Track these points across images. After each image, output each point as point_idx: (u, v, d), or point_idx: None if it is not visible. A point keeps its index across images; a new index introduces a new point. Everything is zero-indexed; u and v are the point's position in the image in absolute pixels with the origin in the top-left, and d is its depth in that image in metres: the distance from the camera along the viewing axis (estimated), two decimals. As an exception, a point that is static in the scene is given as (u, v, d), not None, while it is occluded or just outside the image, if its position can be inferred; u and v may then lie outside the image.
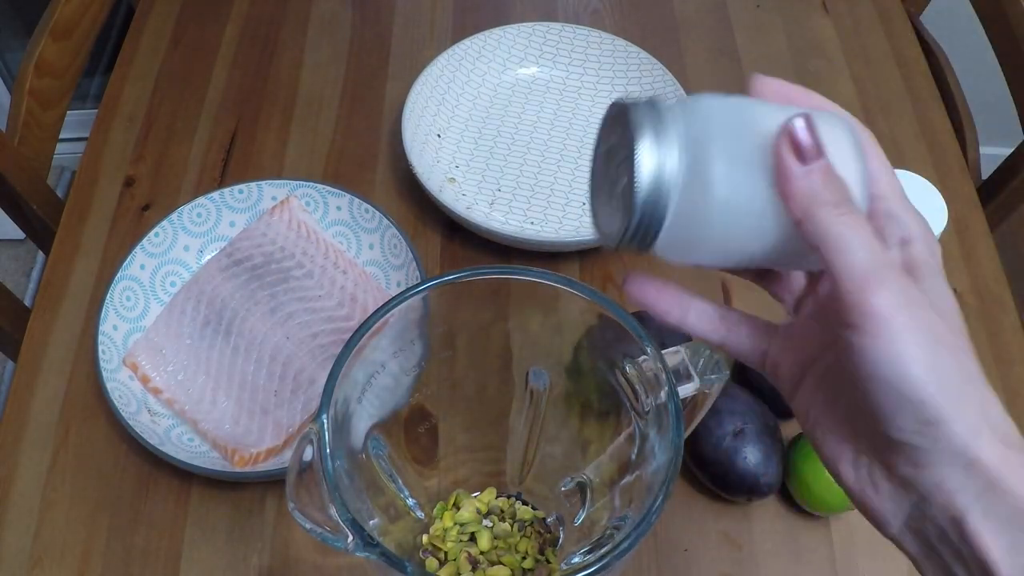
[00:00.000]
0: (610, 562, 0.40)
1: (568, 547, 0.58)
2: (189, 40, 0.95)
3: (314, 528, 0.41)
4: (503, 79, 0.89)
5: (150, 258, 0.72)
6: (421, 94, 0.83)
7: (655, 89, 0.85)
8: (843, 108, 0.35)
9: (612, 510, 0.52)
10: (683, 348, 0.47)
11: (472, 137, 0.85)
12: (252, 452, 0.65)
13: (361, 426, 0.50)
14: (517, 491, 0.61)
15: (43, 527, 0.64)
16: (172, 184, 0.83)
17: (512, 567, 0.57)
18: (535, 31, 0.89)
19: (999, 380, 0.71)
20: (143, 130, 0.87)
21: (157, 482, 0.66)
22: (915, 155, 0.86)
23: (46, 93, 0.88)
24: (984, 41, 0.95)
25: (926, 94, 0.91)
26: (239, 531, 0.64)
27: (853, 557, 0.63)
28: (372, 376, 0.49)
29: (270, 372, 0.69)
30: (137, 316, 0.71)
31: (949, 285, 0.33)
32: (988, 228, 0.81)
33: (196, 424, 0.67)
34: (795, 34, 0.96)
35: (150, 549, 0.63)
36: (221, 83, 0.91)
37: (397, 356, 0.51)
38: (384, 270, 0.75)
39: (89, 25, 0.93)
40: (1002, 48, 0.93)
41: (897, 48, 0.95)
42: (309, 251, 0.75)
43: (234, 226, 0.76)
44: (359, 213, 0.75)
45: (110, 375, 0.66)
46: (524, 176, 0.82)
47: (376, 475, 0.53)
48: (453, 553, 0.58)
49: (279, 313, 0.72)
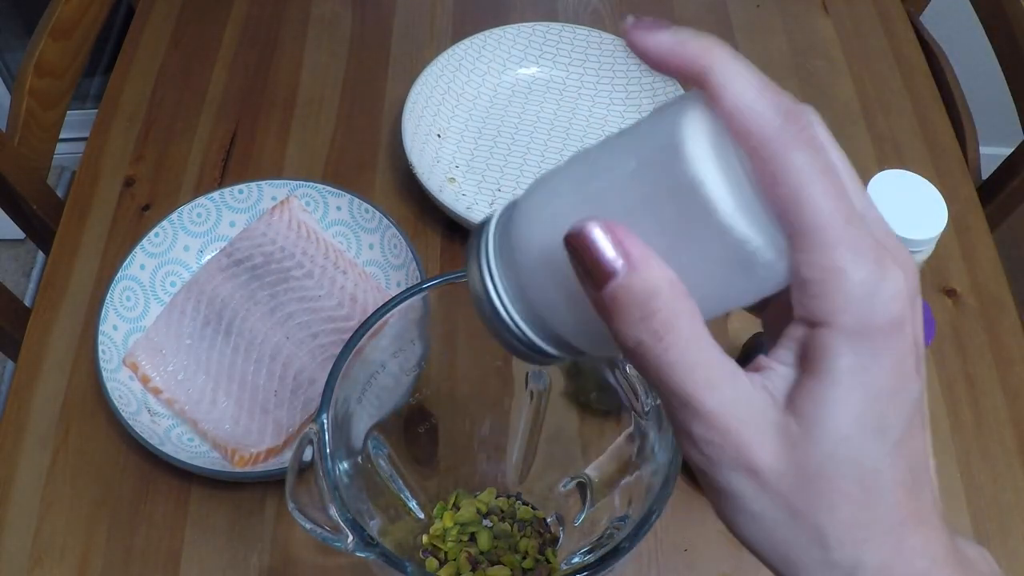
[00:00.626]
0: (610, 562, 0.40)
1: (568, 547, 0.58)
2: (189, 40, 0.95)
3: (314, 528, 0.41)
4: (503, 79, 0.89)
5: (150, 258, 0.72)
6: (421, 94, 0.83)
7: (655, 89, 0.85)
8: (842, 108, 0.33)
9: (612, 510, 0.52)
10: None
11: (472, 137, 0.85)
12: (252, 452, 0.65)
13: (361, 426, 0.50)
14: (517, 491, 0.61)
15: (43, 527, 0.64)
16: (172, 184, 0.83)
17: (512, 567, 0.57)
18: (535, 31, 0.89)
19: (999, 380, 0.71)
20: (143, 130, 0.87)
21: (157, 482, 0.66)
22: (915, 155, 0.86)
23: (46, 93, 0.88)
24: (984, 41, 0.95)
25: (926, 94, 0.91)
26: (239, 531, 0.64)
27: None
28: (372, 376, 0.49)
29: (270, 372, 0.69)
30: (137, 316, 0.71)
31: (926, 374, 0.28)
32: (988, 228, 0.81)
33: (196, 424, 0.67)
34: (795, 34, 0.96)
35: (150, 549, 0.63)
36: (221, 83, 0.91)
37: (397, 356, 0.51)
38: (384, 270, 0.75)
39: (89, 25, 0.93)
40: (1002, 48, 0.93)
41: (897, 48, 0.95)
42: (309, 251, 0.75)
43: (234, 226, 0.76)
44: (359, 213, 0.75)
45: (110, 375, 0.66)
46: (524, 176, 0.82)
47: (376, 475, 0.53)
48: (453, 553, 0.58)
49: (279, 313, 0.72)
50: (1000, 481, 0.67)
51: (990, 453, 0.68)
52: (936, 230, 0.64)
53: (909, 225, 0.64)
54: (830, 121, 0.26)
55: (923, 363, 0.26)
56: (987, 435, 0.69)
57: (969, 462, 0.68)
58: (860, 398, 0.25)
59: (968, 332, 0.74)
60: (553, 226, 0.27)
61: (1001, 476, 0.67)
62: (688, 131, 0.25)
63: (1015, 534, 0.65)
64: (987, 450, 0.68)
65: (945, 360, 0.73)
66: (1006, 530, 0.65)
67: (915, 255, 0.65)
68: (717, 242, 0.24)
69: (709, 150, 0.25)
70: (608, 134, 0.34)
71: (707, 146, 0.25)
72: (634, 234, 0.25)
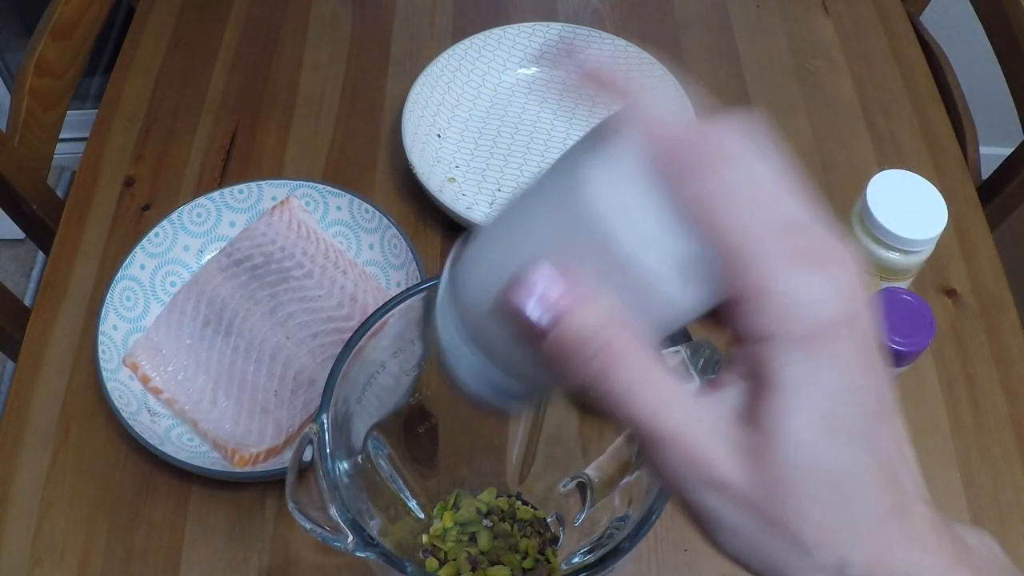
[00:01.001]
0: (610, 562, 0.40)
1: (568, 547, 0.58)
2: (189, 40, 0.95)
3: (314, 528, 0.41)
4: (503, 79, 0.89)
5: (150, 258, 0.72)
6: (421, 94, 0.83)
7: (655, 89, 0.85)
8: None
9: (612, 510, 0.52)
10: (683, 348, 0.47)
11: (472, 137, 0.85)
12: (252, 452, 0.65)
13: (361, 426, 0.50)
14: (517, 491, 0.61)
15: (43, 527, 0.64)
16: (172, 184, 0.83)
17: (512, 567, 0.57)
18: (535, 31, 0.89)
19: (999, 380, 0.71)
20: (143, 130, 0.87)
21: (157, 482, 0.66)
22: (915, 155, 0.86)
23: (46, 93, 0.88)
24: (984, 41, 0.95)
25: (926, 94, 0.91)
26: (239, 531, 0.64)
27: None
28: (372, 376, 0.49)
29: (270, 372, 0.69)
30: (137, 316, 0.71)
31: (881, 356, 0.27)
32: (988, 228, 0.81)
33: (196, 424, 0.67)
34: (795, 34, 0.96)
35: (150, 549, 0.63)
36: (221, 83, 0.91)
37: (397, 356, 0.51)
38: (384, 270, 0.75)
39: (89, 25, 0.93)
40: (1002, 48, 0.93)
41: (897, 48, 0.95)
42: (309, 251, 0.75)
43: (234, 226, 0.76)
44: (359, 213, 0.75)
45: (110, 375, 0.66)
46: (524, 176, 0.82)
47: (376, 475, 0.53)
48: (453, 553, 0.58)
49: (279, 313, 0.72)
50: (1000, 481, 0.67)
51: (990, 453, 0.68)
52: (936, 230, 0.64)
53: (909, 225, 0.64)
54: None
55: (878, 354, 0.26)
56: (987, 435, 0.69)
57: (969, 462, 0.68)
58: (812, 403, 0.25)
59: (968, 332, 0.74)
60: (488, 283, 0.28)
61: (1001, 476, 0.67)
62: (592, 170, 0.26)
63: (1015, 534, 0.65)
64: (987, 450, 0.68)
65: (945, 360, 0.73)
66: (1006, 530, 0.65)
67: (915, 255, 0.65)
68: (631, 273, 0.25)
69: (613, 186, 0.25)
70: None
71: (611, 182, 0.25)
72: (563, 276, 0.26)
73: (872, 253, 0.65)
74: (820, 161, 0.84)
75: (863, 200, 0.65)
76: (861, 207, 0.66)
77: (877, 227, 0.64)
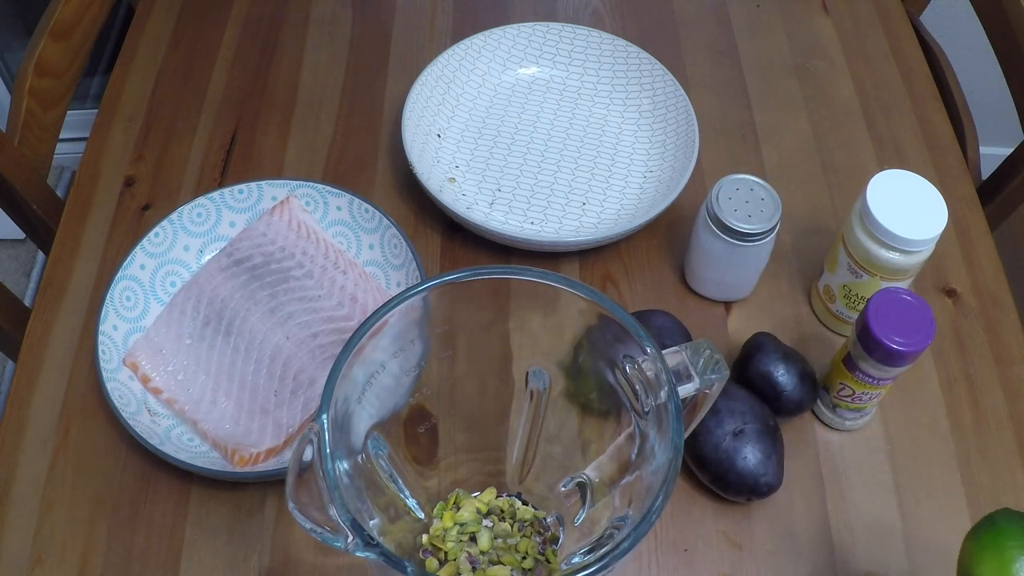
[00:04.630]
0: (610, 562, 0.40)
1: (568, 547, 0.58)
2: (189, 40, 0.95)
3: (314, 528, 0.41)
4: (503, 79, 0.89)
5: (150, 258, 0.72)
6: (421, 94, 0.83)
7: (655, 89, 0.85)
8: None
9: (612, 510, 0.52)
10: (683, 348, 0.47)
11: (472, 137, 0.85)
12: (252, 452, 0.65)
13: (361, 426, 0.50)
14: (517, 491, 0.61)
15: (43, 527, 0.64)
16: (172, 184, 0.83)
17: (512, 567, 0.57)
18: (535, 31, 0.89)
19: (999, 380, 0.71)
20: (143, 130, 0.87)
21: (157, 482, 0.66)
22: (915, 155, 0.86)
23: (46, 93, 0.88)
24: (984, 41, 0.95)
25: (926, 94, 0.91)
26: (239, 531, 0.64)
27: (853, 557, 0.63)
28: (372, 376, 0.49)
29: (270, 372, 0.69)
30: (137, 316, 0.71)
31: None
32: (988, 228, 0.81)
33: (196, 424, 0.67)
34: (795, 34, 0.96)
35: (150, 549, 0.63)
36: (221, 83, 0.91)
37: (397, 356, 0.51)
38: (384, 270, 0.75)
39: (89, 25, 0.93)
40: (1002, 48, 0.93)
41: (897, 48, 0.95)
42: (309, 251, 0.75)
43: (234, 226, 0.76)
44: (359, 213, 0.75)
45: (110, 375, 0.66)
46: (524, 176, 0.82)
47: (376, 475, 0.53)
48: (453, 553, 0.58)
49: (279, 313, 0.72)
50: (1000, 481, 0.67)
51: (990, 453, 0.68)
52: (936, 230, 0.64)
53: (909, 225, 0.64)
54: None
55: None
56: (987, 435, 0.69)
57: (969, 462, 0.68)
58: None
59: (968, 332, 0.74)
60: None
61: (1001, 476, 0.67)
62: None
63: (1015, 534, 0.65)
64: (987, 450, 0.68)
65: (945, 360, 0.73)
66: (1006, 530, 0.65)
67: (915, 255, 0.65)
68: None
69: None
70: (609, 134, 0.35)
71: None
72: None
73: (872, 253, 0.65)
74: (820, 161, 0.84)
75: (863, 200, 0.65)
76: (861, 207, 0.66)
77: (877, 227, 0.64)
